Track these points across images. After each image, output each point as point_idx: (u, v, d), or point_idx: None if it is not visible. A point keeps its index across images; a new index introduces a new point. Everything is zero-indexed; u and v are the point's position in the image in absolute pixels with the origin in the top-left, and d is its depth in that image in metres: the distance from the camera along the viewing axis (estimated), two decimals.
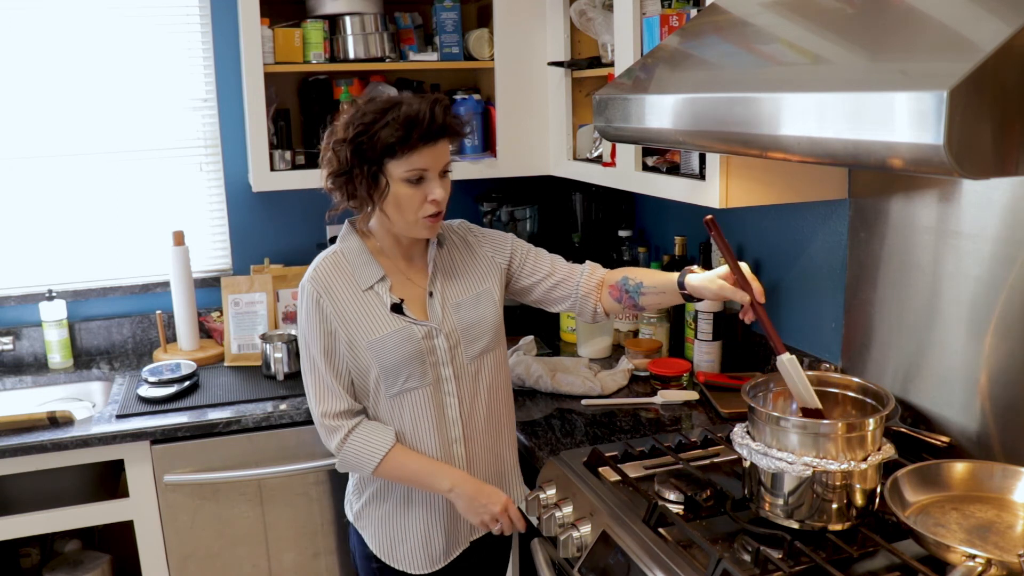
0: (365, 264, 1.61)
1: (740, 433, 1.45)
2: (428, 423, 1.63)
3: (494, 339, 1.68)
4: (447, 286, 1.66)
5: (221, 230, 2.73)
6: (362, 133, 1.49)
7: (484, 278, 1.71)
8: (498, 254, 1.74)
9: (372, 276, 1.61)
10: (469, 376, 1.65)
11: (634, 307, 1.71)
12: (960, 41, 1.06)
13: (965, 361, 1.61)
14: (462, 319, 1.64)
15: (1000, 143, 0.98)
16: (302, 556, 2.27)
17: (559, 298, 1.77)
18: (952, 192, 1.61)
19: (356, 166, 1.51)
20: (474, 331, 1.65)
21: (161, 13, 2.54)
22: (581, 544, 1.54)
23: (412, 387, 1.60)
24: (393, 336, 1.58)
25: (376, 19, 2.39)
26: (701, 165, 1.83)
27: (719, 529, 1.44)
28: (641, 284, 1.69)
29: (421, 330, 1.60)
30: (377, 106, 1.51)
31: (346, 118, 1.53)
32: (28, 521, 2.08)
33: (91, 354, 2.62)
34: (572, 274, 1.76)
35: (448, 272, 1.68)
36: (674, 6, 1.93)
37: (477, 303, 1.67)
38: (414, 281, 1.66)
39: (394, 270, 1.64)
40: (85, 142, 2.55)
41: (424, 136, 1.49)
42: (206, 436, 2.12)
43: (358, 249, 1.63)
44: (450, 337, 1.62)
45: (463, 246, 1.73)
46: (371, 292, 1.60)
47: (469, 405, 1.66)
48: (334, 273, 1.61)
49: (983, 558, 1.17)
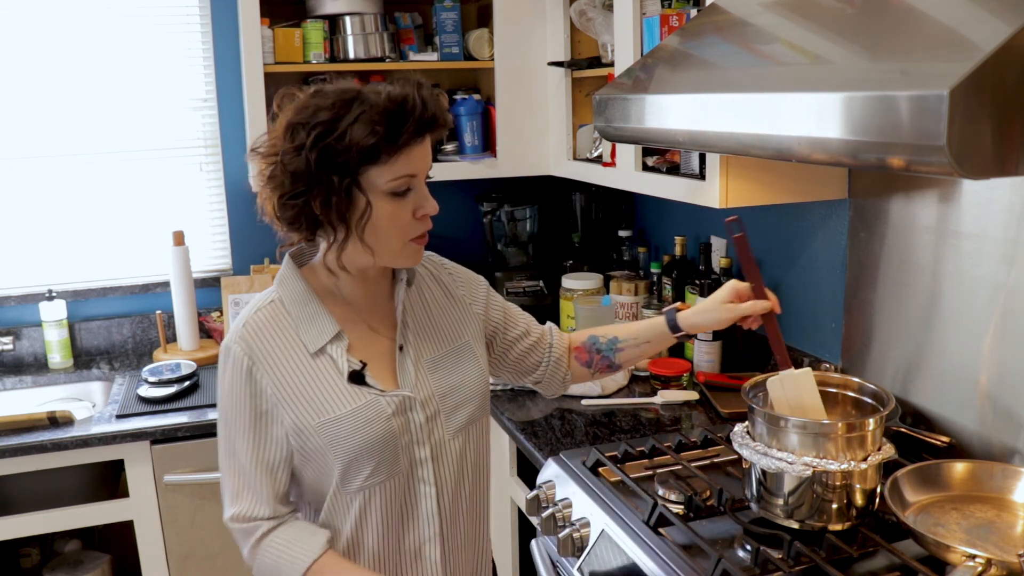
0: (312, 317, 1.21)
1: (740, 433, 1.45)
2: (394, 522, 1.25)
3: (480, 405, 1.32)
4: (420, 338, 1.29)
5: (221, 230, 2.73)
6: (326, 133, 1.10)
7: (463, 328, 1.34)
8: (475, 301, 1.38)
9: (323, 334, 1.21)
10: (451, 456, 1.28)
11: (609, 368, 1.49)
12: (960, 41, 1.06)
13: (965, 361, 1.61)
14: (440, 382, 1.27)
15: (1000, 143, 0.98)
16: None
17: (531, 366, 1.47)
18: (952, 192, 1.61)
19: (322, 181, 1.12)
20: (456, 396, 1.28)
21: (161, 13, 2.54)
22: (581, 544, 1.54)
23: (378, 481, 1.21)
24: (353, 416, 1.19)
25: (376, 19, 2.39)
26: (701, 165, 1.83)
27: (719, 529, 1.44)
28: (616, 340, 1.46)
29: (391, 403, 1.22)
30: (333, 98, 1.12)
31: (289, 119, 1.14)
32: (28, 521, 2.08)
33: (91, 354, 2.62)
34: (543, 333, 1.48)
35: (420, 319, 1.30)
36: (674, 6, 1.93)
37: (458, 360, 1.31)
38: (378, 331, 1.27)
39: (353, 319, 1.25)
40: (85, 142, 2.55)
41: (414, 129, 1.13)
42: (206, 436, 2.12)
43: (302, 296, 1.22)
44: (427, 406, 1.25)
45: (435, 284, 1.35)
46: (322, 356, 1.21)
47: (451, 494, 1.29)
48: (271, 331, 1.20)
49: (983, 558, 1.17)
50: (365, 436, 1.19)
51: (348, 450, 1.18)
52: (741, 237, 1.38)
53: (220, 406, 1.23)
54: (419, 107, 1.13)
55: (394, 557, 1.26)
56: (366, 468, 1.20)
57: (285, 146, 1.13)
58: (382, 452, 1.20)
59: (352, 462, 1.19)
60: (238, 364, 1.19)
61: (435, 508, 1.26)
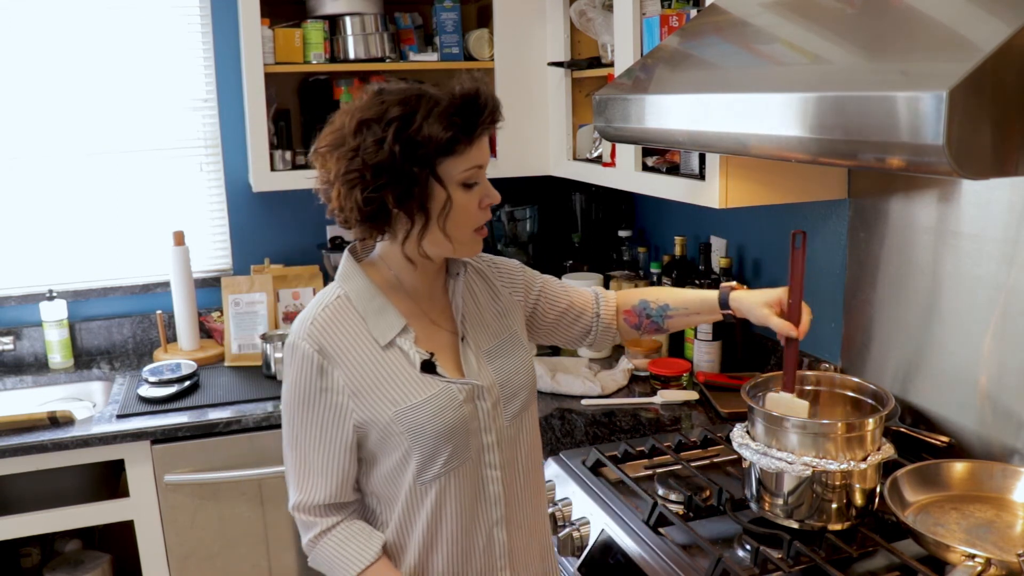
0: (380, 311, 1.25)
1: (740, 433, 1.45)
2: (467, 507, 1.28)
3: (531, 392, 1.37)
4: (474, 329, 1.33)
5: (221, 230, 2.73)
6: (404, 127, 1.14)
7: (509, 318, 1.39)
8: (515, 290, 1.43)
9: (392, 327, 1.24)
10: (508, 441, 1.32)
11: (656, 331, 1.52)
12: (960, 41, 1.06)
13: (965, 361, 1.61)
14: (498, 370, 1.31)
15: (1000, 143, 0.98)
16: (302, 556, 2.25)
17: (580, 334, 1.52)
18: (952, 192, 1.61)
19: (406, 173, 1.15)
20: (513, 384, 1.32)
21: (161, 13, 2.54)
22: (581, 544, 1.54)
23: (453, 467, 1.25)
24: (429, 404, 1.23)
25: (376, 19, 2.39)
26: (701, 165, 1.83)
27: (719, 529, 1.44)
28: (667, 306, 1.49)
29: (461, 391, 1.26)
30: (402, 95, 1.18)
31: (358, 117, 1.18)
32: (28, 521, 2.08)
33: (91, 354, 2.62)
34: (588, 304, 1.52)
35: (473, 311, 1.35)
36: (674, 6, 1.93)
37: (510, 349, 1.35)
38: (439, 324, 1.31)
39: (415, 312, 1.29)
40: (85, 142, 2.55)
41: (485, 122, 1.18)
42: (206, 436, 2.12)
43: (368, 292, 1.26)
44: (491, 394, 1.29)
45: (478, 277, 1.39)
46: (392, 348, 1.24)
47: (510, 477, 1.32)
48: (341, 327, 1.23)
49: (982, 558, 1.18)
50: (441, 422, 1.22)
51: (426, 436, 1.22)
52: (799, 253, 1.36)
53: (286, 400, 1.26)
54: (489, 102, 1.19)
55: (468, 542, 1.29)
56: (443, 454, 1.23)
57: (361, 141, 1.16)
58: (457, 437, 1.24)
59: (430, 449, 1.22)
60: (307, 360, 1.21)
61: (501, 491, 1.30)
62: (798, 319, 1.38)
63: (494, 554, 1.31)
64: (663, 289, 1.55)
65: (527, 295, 1.44)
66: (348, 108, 1.20)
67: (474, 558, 1.30)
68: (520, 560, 1.34)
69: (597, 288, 1.56)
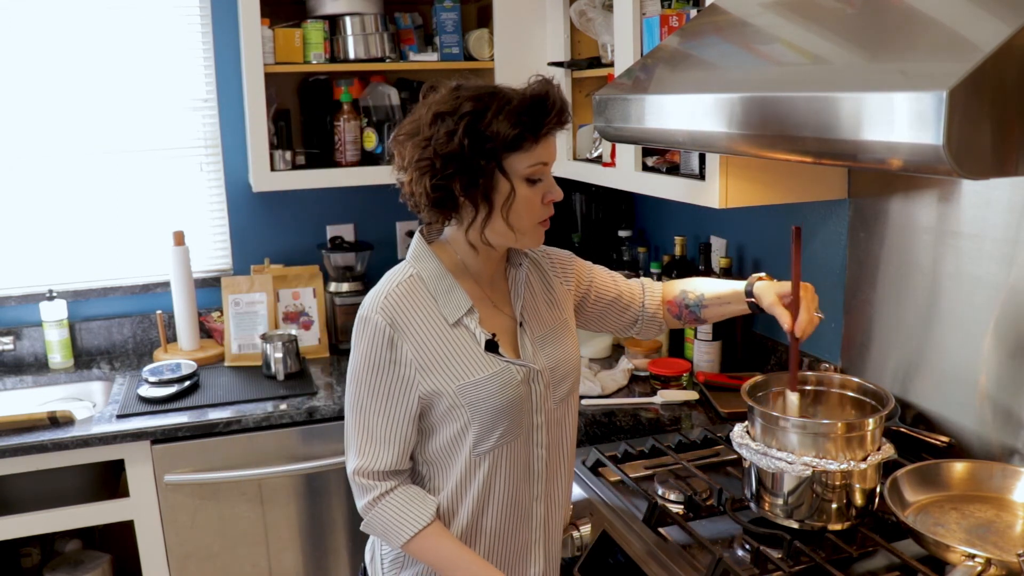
0: (449, 291, 1.32)
1: (740, 433, 1.45)
2: (517, 482, 1.36)
3: (576, 379, 1.45)
4: (530, 316, 1.40)
5: (221, 230, 2.73)
6: (475, 121, 1.22)
7: (561, 307, 1.46)
8: (566, 280, 1.49)
9: (459, 307, 1.32)
10: (555, 423, 1.40)
11: (696, 321, 1.58)
12: (960, 41, 1.06)
13: (965, 361, 1.61)
14: (549, 356, 1.39)
15: (1000, 143, 0.98)
16: (302, 556, 2.27)
17: (627, 323, 1.58)
18: (952, 192, 1.61)
19: (473, 163, 1.23)
20: (561, 369, 1.40)
21: (161, 13, 2.54)
22: (581, 544, 1.54)
23: (507, 441, 1.33)
24: (491, 381, 1.30)
25: (376, 19, 2.39)
26: (701, 165, 1.83)
27: (719, 529, 1.44)
28: (703, 296, 1.54)
29: (520, 371, 1.33)
30: (477, 92, 1.26)
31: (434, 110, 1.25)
32: (28, 521, 2.08)
33: (91, 354, 2.62)
34: (635, 295, 1.57)
35: (529, 299, 1.42)
36: (674, 6, 1.93)
37: (561, 336, 1.42)
38: (500, 309, 1.39)
39: (479, 295, 1.37)
40: (85, 142, 2.55)
41: (552, 124, 1.26)
42: (206, 436, 2.12)
43: (438, 272, 1.33)
44: (543, 378, 1.37)
45: (535, 268, 1.46)
46: (459, 327, 1.32)
47: (553, 457, 1.41)
48: (412, 304, 1.31)
49: (982, 558, 1.18)
50: (501, 399, 1.31)
51: (486, 411, 1.30)
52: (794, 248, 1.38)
53: (353, 369, 1.33)
54: (557, 103, 1.26)
55: (513, 515, 1.37)
56: (499, 428, 1.31)
57: (435, 132, 1.24)
58: (512, 415, 1.32)
59: (488, 422, 1.31)
60: (379, 332, 1.29)
61: (544, 469, 1.39)
62: (795, 314, 1.38)
63: (531, 527, 1.39)
64: (702, 280, 1.60)
65: (578, 285, 1.51)
66: (428, 101, 1.29)
67: (516, 531, 1.38)
68: (550, 534, 1.43)
69: (644, 279, 1.62)
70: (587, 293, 1.53)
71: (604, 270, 1.58)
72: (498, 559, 1.38)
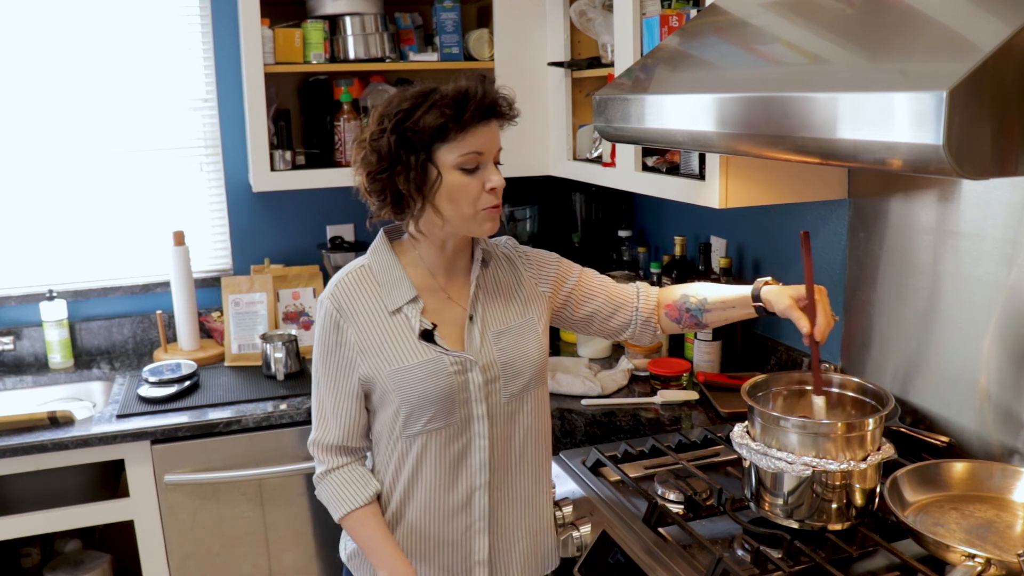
0: (395, 282, 1.41)
1: (740, 433, 1.45)
2: (446, 468, 1.42)
3: (536, 377, 1.48)
4: (489, 311, 1.46)
5: (221, 230, 2.73)
6: (404, 119, 1.31)
7: (528, 306, 1.50)
8: (541, 281, 1.53)
9: (401, 296, 1.40)
10: (504, 417, 1.44)
11: (696, 326, 1.57)
12: (960, 41, 1.06)
13: (965, 361, 1.61)
14: (504, 351, 1.43)
15: (1000, 143, 0.98)
16: (302, 556, 2.27)
17: (618, 328, 1.59)
18: (952, 192, 1.61)
19: (401, 158, 1.32)
20: (516, 366, 1.44)
21: (161, 13, 2.54)
22: (581, 544, 1.54)
23: (435, 427, 1.40)
24: (419, 368, 1.38)
25: (376, 19, 2.39)
26: (701, 165, 1.83)
27: (719, 529, 1.45)
28: (705, 300, 1.54)
29: (453, 362, 1.39)
30: (414, 92, 1.34)
31: (379, 111, 1.36)
32: (28, 521, 2.08)
33: (91, 354, 2.62)
34: (627, 299, 1.58)
35: (492, 295, 1.47)
36: (674, 6, 1.93)
37: (521, 334, 1.47)
38: (455, 301, 1.45)
39: (433, 286, 1.44)
40: (85, 142, 2.55)
41: (477, 113, 1.32)
42: (206, 436, 2.12)
43: (388, 264, 1.43)
44: (488, 371, 1.42)
45: (508, 267, 1.52)
46: (399, 315, 1.40)
47: (501, 450, 1.45)
48: (358, 291, 1.41)
49: (982, 558, 1.18)
50: (429, 386, 1.38)
51: (414, 396, 1.38)
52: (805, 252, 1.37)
53: (314, 348, 1.45)
54: (479, 94, 1.32)
55: (445, 499, 1.43)
56: (426, 414, 1.39)
57: (372, 131, 1.35)
58: (441, 402, 1.38)
59: (416, 408, 1.38)
60: (328, 316, 1.40)
61: (486, 460, 1.43)
62: (814, 317, 1.37)
63: (473, 515, 1.44)
64: (703, 284, 1.60)
65: (558, 288, 1.54)
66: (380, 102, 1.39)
67: (452, 515, 1.44)
68: (502, 527, 1.46)
69: (640, 284, 1.62)
70: (570, 295, 1.55)
71: (594, 274, 1.59)
72: (432, 540, 1.45)
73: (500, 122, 1.38)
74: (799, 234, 1.39)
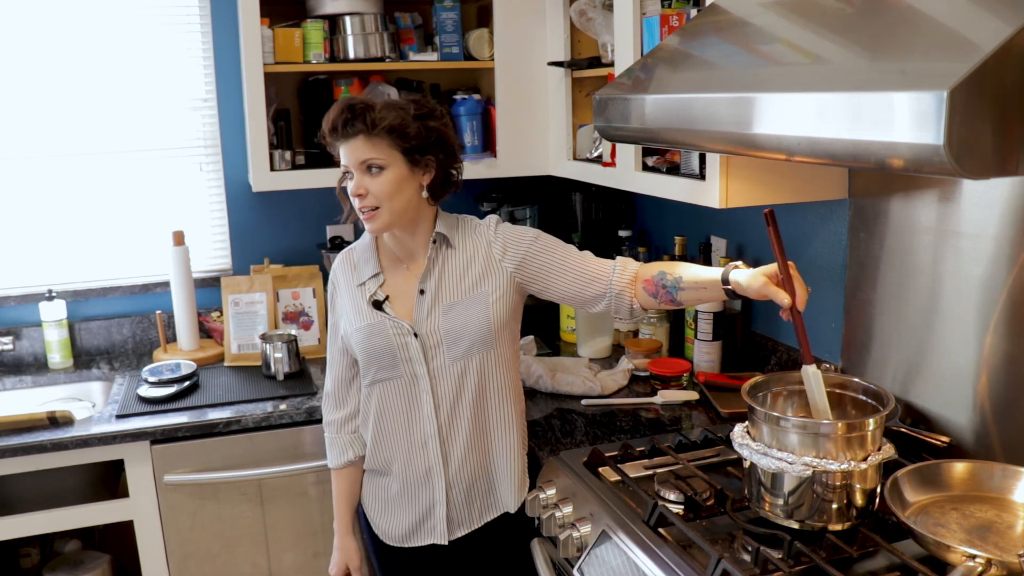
0: (366, 261, 1.72)
1: (740, 433, 1.45)
2: (398, 416, 1.71)
3: (482, 342, 1.66)
4: (443, 286, 1.68)
5: (221, 230, 2.73)
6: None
7: (484, 280, 1.67)
8: (507, 258, 1.68)
9: (367, 272, 1.71)
10: (452, 377, 1.68)
11: (671, 302, 1.62)
12: (960, 41, 1.06)
13: (965, 361, 1.61)
14: (451, 321, 1.66)
15: (1000, 143, 0.98)
16: (302, 556, 2.27)
17: (593, 298, 1.67)
18: (952, 192, 1.61)
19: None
20: (458, 333, 1.65)
21: (161, 13, 2.54)
22: (581, 544, 1.54)
23: (383, 378, 1.69)
24: (366, 329, 1.67)
25: (376, 19, 2.39)
26: (701, 165, 1.83)
27: (719, 529, 1.44)
28: (680, 279, 1.59)
29: (394, 326, 1.66)
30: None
31: None
32: (28, 521, 2.08)
33: (91, 354, 2.62)
34: (603, 271, 1.66)
35: (448, 271, 1.68)
36: (674, 6, 1.93)
37: (469, 306, 1.66)
38: (415, 274, 1.69)
39: (399, 267, 1.72)
40: (85, 142, 2.55)
41: (334, 135, 1.58)
42: (206, 436, 2.12)
43: (366, 245, 1.74)
44: (429, 337, 1.66)
45: (481, 244, 1.70)
46: (363, 288, 1.70)
47: (450, 406, 1.68)
48: (343, 268, 1.76)
49: (983, 558, 1.17)
50: (371, 343, 1.67)
51: (361, 350, 1.69)
52: (771, 230, 1.39)
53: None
54: (333, 115, 1.57)
55: (406, 440, 1.72)
56: (374, 366, 1.69)
57: None
58: (383, 358, 1.67)
59: (364, 360, 1.70)
60: (330, 285, 1.79)
61: (431, 413, 1.69)
62: (791, 290, 1.40)
63: (429, 458, 1.70)
64: (682, 264, 1.64)
65: (525, 264, 1.68)
66: None
67: (412, 455, 1.72)
68: (456, 473, 1.71)
69: (620, 258, 1.69)
70: (540, 269, 1.68)
71: (571, 249, 1.70)
72: (401, 473, 1.73)
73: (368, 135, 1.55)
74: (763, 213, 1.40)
